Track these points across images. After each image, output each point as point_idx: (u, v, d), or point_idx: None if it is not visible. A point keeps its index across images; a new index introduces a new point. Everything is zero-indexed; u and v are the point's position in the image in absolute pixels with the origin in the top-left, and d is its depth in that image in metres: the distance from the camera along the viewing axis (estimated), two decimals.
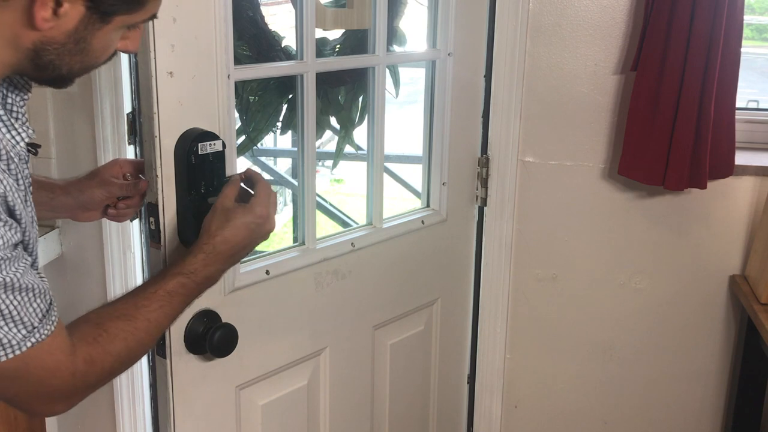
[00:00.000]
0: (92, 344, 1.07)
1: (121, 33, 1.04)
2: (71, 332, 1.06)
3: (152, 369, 2.19)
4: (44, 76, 1.02)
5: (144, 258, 2.12)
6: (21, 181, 1.02)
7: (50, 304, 1.03)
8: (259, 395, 1.68)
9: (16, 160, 1.01)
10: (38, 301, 1.00)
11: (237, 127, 1.71)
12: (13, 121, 1.03)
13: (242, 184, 1.37)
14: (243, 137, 2.38)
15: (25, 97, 1.07)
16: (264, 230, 1.30)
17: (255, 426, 1.68)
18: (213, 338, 1.44)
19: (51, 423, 2.25)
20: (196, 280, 1.21)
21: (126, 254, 2.09)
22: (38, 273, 1.03)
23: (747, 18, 2.02)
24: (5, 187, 0.96)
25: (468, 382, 2.39)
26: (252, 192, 1.34)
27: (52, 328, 1.01)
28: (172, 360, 1.45)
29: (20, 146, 1.03)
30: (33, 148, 1.10)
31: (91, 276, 2.12)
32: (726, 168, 2.10)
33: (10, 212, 0.98)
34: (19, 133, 1.02)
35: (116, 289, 2.13)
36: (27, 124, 1.06)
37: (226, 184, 1.36)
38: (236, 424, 1.63)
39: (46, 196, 1.38)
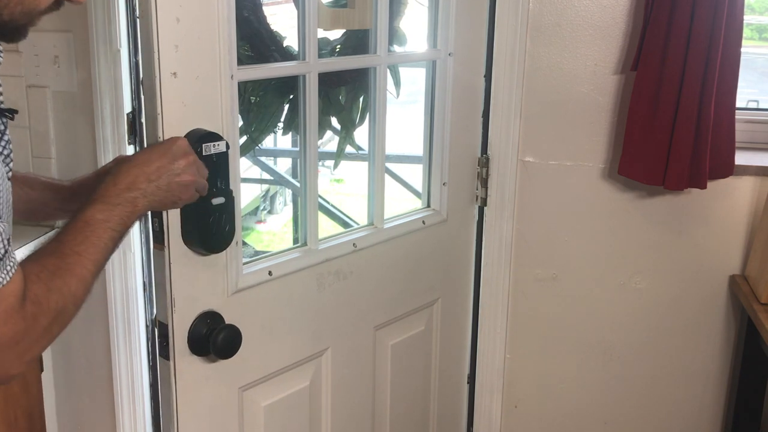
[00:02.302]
0: (36, 282, 1.02)
1: None
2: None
3: (152, 369, 2.19)
4: None
5: (144, 258, 2.12)
6: None
7: (6, 248, 0.98)
8: (261, 396, 1.67)
9: None
10: None
11: (239, 127, 1.71)
12: None
13: None
14: (245, 137, 2.38)
15: None
16: (175, 149, 1.23)
17: (258, 427, 1.68)
18: (217, 340, 1.44)
19: (51, 423, 2.24)
20: (111, 201, 1.15)
21: (126, 254, 2.09)
22: None
23: (747, 18, 2.03)
24: None
25: (468, 382, 2.39)
26: None
27: (9, 275, 0.97)
28: (175, 361, 1.45)
29: None
30: (9, 113, 1.05)
31: None
32: (726, 168, 2.10)
33: None
34: None
35: (116, 289, 2.13)
36: None
37: None
38: (239, 425, 1.63)
39: (51, 197, 1.36)
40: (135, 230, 2.09)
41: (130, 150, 2.02)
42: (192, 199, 1.28)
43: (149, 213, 1.41)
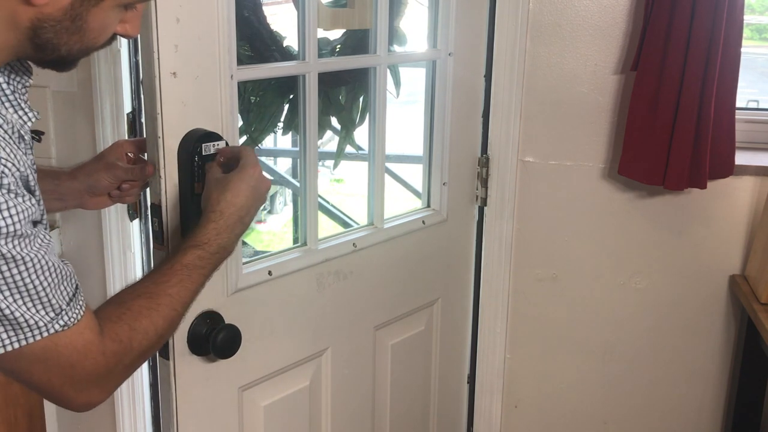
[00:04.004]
0: (117, 322, 1.06)
1: (120, 15, 1.03)
2: (96, 314, 1.07)
3: (152, 369, 2.19)
4: (45, 57, 1.01)
5: (144, 258, 2.12)
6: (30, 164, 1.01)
7: (77, 287, 1.03)
8: (261, 396, 1.67)
9: (27, 138, 1.01)
10: (65, 283, 1.00)
11: (239, 127, 1.71)
12: (21, 101, 1.02)
13: (222, 160, 1.37)
14: (245, 137, 2.38)
15: (27, 84, 1.06)
16: (263, 186, 1.30)
17: (257, 427, 1.68)
18: (216, 339, 1.43)
19: (51, 423, 2.24)
20: (211, 250, 1.21)
21: (126, 254, 2.09)
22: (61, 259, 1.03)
23: (747, 18, 2.02)
24: (17, 159, 0.95)
25: (468, 382, 2.39)
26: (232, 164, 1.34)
27: (81, 312, 1.02)
28: (175, 361, 1.45)
29: (28, 126, 1.02)
30: (36, 135, 1.09)
31: (91, 276, 2.12)
32: (726, 168, 2.10)
33: (28, 188, 0.97)
34: (26, 113, 1.02)
35: (116, 289, 2.13)
36: (30, 107, 1.05)
37: (207, 166, 1.36)
38: (239, 425, 1.63)
39: (51, 184, 1.37)
40: (135, 230, 2.09)
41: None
42: None
43: (148, 212, 1.42)
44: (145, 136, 1.40)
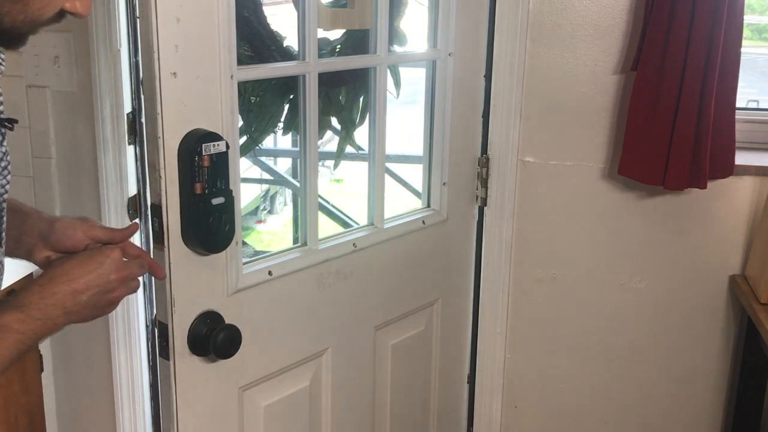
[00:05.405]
0: None
1: None
2: None
3: (152, 369, 2.19)
4: None
5: None
6: None
7: None
8: (261, 396, 1.67)
9: None
10: None
11: (239, 127, 1.71)
12: None
13: None
14: (245, 137, 2.38)
15: None
16: (108, 264, 1.11)
17: (258, 427, 1.68)
18: (216, 339, 1.44)
19: (51, 423, 2.24)
20: (32, 315, 1.03)
21: None
22: None
23: (747, 18, 2.02)
24: None
25: (468, 382, 2.39)
26: None
27: None
28: (175, 361, 1.45)
29: None
30: (9, 122, 1.01)
31: None
32: (726, 168, 2.10)
33: None
34: None
35: None
36: None
37: None
38: (239, 425, 1.63)
39: (17, 219, 1.21)
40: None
41: (129, 150, 2.02)
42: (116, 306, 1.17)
43: (148, 213, 1.42)
44: (144, 142, 1.39)
